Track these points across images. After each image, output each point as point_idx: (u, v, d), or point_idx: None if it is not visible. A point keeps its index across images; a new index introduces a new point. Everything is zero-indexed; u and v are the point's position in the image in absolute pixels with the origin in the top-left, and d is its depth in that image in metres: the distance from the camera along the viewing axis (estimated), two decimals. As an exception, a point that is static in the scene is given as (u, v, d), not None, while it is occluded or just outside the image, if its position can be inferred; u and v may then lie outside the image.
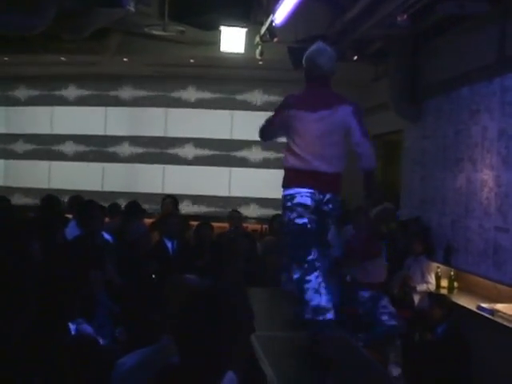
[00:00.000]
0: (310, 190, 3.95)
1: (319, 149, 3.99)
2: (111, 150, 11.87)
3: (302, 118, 4.00)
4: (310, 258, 3.89)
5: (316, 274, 3.86)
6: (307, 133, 4.00)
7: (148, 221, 8.17)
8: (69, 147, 11.95)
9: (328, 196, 4.01)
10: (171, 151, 11.76)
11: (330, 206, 4.02)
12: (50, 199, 7.08)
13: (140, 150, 11.81)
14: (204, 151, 11.69)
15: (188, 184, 11.45)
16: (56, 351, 2.92)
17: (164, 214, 8.27)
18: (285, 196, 4.04)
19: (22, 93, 12.03)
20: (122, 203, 8.81)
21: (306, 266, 3.86)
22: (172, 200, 8.81)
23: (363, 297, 6.39)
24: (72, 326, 3.47)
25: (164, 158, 11.76)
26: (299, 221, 3.92)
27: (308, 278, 3.85)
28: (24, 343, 2.85)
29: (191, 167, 11.67)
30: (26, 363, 2.77)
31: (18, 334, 2.92)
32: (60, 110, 11.86)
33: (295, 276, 3.91)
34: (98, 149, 11.87)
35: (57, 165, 11.94)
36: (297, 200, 3.94)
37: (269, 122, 4.18)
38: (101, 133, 11.85)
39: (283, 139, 4.23)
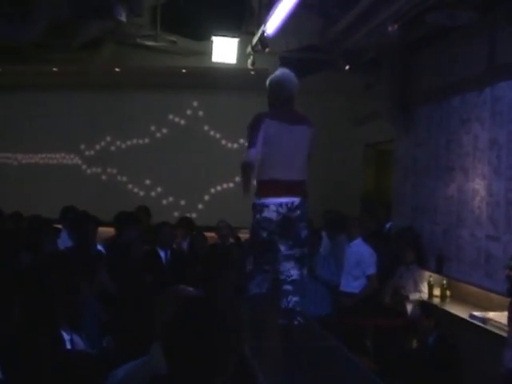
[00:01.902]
0: (280, 201, 4.33)
1: (294, 160, 4.42)
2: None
3: (280, 128, 4.38)
4: (263, 261, 4.50)
5: (262, 276, 4.52)
6: (284, 144, 4.38)
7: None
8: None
9: (296, 202, 4.39)
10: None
11: (298, 212, 4.40)
12: None
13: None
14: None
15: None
16: (51, 360, 2.91)
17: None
18: (255, 205, 4.43)
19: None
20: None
21: (259, 267, 4.51)
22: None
23: None
24: (66, 337, 3.46)
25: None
26: (262, 233, 4.40)
27: (255, 275, 4.51)
28: (8, 349, 2.85)
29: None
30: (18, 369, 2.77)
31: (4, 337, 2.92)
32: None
33: (248, 267, 4.55)
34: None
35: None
36: (264, 214, 4.35)
37: (251, 143, 4.36)
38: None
39: None
